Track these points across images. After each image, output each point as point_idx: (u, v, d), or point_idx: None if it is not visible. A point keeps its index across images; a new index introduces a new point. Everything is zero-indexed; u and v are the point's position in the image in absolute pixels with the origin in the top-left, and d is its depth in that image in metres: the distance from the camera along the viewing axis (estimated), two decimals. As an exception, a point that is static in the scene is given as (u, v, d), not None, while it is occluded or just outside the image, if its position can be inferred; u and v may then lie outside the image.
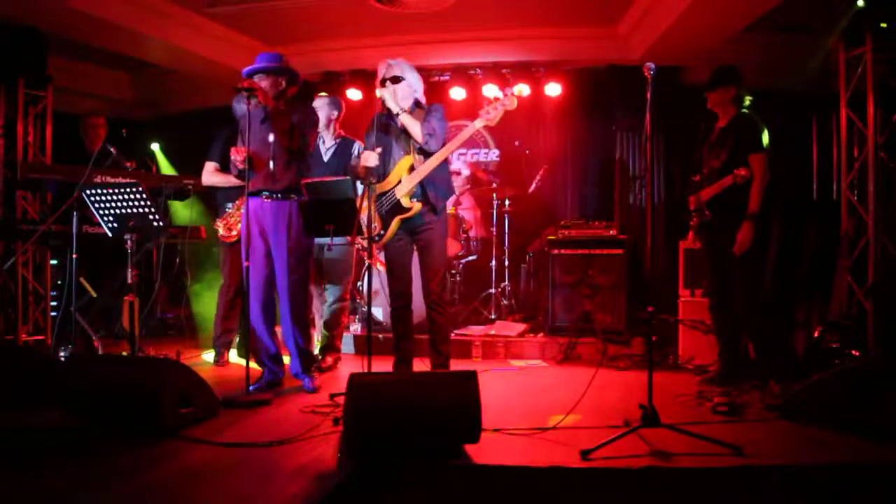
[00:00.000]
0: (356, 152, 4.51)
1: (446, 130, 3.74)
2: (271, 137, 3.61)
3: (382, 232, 3.69)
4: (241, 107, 3.59)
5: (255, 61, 3.69)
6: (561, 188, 6.65)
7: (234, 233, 4.54)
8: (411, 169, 3.63)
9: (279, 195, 3.66)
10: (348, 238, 4.01)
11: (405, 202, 3.63)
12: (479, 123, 3.57)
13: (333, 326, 4.67)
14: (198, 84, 6.86)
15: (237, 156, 3.59)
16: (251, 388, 3.58)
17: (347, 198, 3.43)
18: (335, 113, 4.63)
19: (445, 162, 3.80)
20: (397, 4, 5.30)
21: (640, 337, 4.94)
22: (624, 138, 6.26)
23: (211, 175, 4.59)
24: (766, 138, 3.82)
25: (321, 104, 4.56)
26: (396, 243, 3.74)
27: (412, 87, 3.73)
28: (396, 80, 3.68)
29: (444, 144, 3.73)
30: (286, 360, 3.95)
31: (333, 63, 6.55)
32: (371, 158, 3.53)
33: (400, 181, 3.65)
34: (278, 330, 3.89)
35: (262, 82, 3.63)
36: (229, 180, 4.47)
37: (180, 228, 4.67)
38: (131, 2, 5.08)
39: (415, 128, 3.61)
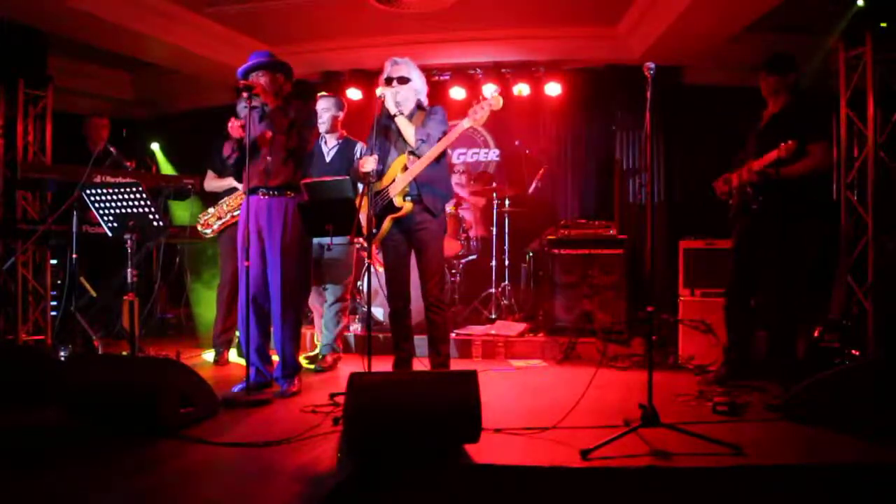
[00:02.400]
0: (358, 153, 4.51)
1: (446, 133, 3.71)
2: (269, 134, 3.62)
3: (375, 230, 3.68)
4: (242, 108, 3.59)
5: (248, 60, 3.68)
6: (561, 188, 6.65)
7: (209, 231, 4.65)
8: (405, 168, 3.63)
9: (275, 192, 3.65)
10: (349, 238, 4.02)
11: (397, 201, 3.62)
12: (466, 123, 3.57)
13: (334, 326, 4.67)
14: (198, 84, 6.86)
15: (234, 123, 3.53)
16: (234, 388, 3.58)
17: (347, 197, 3.43)
18: (339, 113, 4.64)
19: (444, 164, 3.79)
20: (397, 4, 5.30)
21: (640, 337, 4.94)
22: (624, 138, 6.27)
23: (209, 181, 4.73)
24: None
25: (326, 105, 4.57)
26: (393, 244, 3.73)
27: (416, 88, 3.73)
28: (403, 80, 3.68)
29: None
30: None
31: (333, 63, 6.55)
32: (369, 163, 3.53)
33: (393, 180, 3.65)
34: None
35: (261, 79, 3.63)
36: (230, 183, 4.52)
37: (180, 228, 4.68)
38: (131, 2, 5.07)
39: (409, 132, 3.62)
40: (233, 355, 4.82)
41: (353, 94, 6.53)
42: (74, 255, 4.08)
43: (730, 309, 4.01)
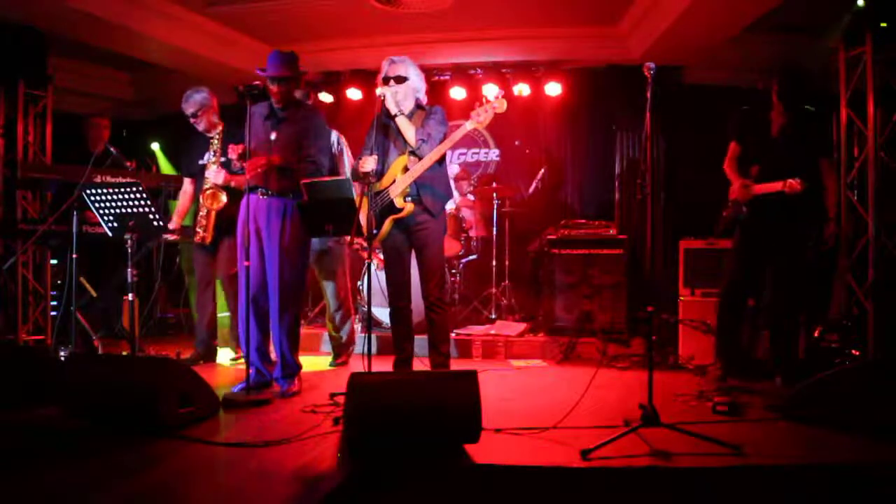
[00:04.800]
0: (335, 141, 4.51)
1: (446, 134, 3.70)
2: (273, 136, 3.62)
3: (375, 231, 3.68)
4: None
5: (268, 59, 3.65)
6: (561, 188, 6.66)
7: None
8: (405, 169, 3.63)
9: (274, 193, 3.66)
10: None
11: (398, 202, 3.62)
12: (469, 125, 3.57)
13: (341, 326, 4.70)
14: (198, 84, 6.84)
15: (233, 154, 3.60)
16: (234, 388, 3.58)
17: (346, 197, 3.42)
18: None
19: (443, 164, 3.79)
20: (397, 4, 5.30)
21: (640, 337, 4.94)
22: (624, 138, 6.27)
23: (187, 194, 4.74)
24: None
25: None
26: (393, 244, 3.73)
27: (414, 87, 3.71)
28: (400, 79, 3.67)
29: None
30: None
31: (333, 63, 6.55)
32: (369, 163, 3.53)
33: (394, 181, 3.65)
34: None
35: (272, 86, 3.64)
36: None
37: (180, 228, 4.67)
38: (131, 2, 5.07)
39: (409, 132, 3.61)
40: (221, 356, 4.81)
41: (353, 94, 6.53)
42: (74, 255, 4.08)
43: (727, 308, 3.97)
